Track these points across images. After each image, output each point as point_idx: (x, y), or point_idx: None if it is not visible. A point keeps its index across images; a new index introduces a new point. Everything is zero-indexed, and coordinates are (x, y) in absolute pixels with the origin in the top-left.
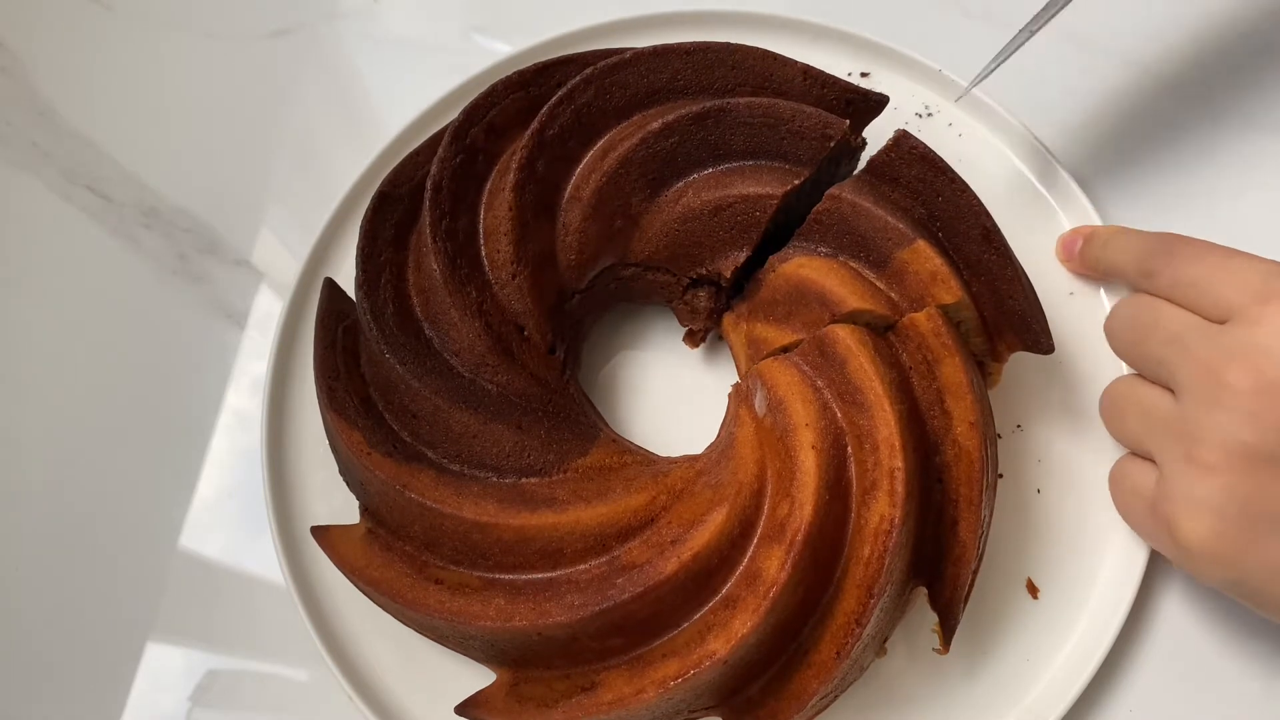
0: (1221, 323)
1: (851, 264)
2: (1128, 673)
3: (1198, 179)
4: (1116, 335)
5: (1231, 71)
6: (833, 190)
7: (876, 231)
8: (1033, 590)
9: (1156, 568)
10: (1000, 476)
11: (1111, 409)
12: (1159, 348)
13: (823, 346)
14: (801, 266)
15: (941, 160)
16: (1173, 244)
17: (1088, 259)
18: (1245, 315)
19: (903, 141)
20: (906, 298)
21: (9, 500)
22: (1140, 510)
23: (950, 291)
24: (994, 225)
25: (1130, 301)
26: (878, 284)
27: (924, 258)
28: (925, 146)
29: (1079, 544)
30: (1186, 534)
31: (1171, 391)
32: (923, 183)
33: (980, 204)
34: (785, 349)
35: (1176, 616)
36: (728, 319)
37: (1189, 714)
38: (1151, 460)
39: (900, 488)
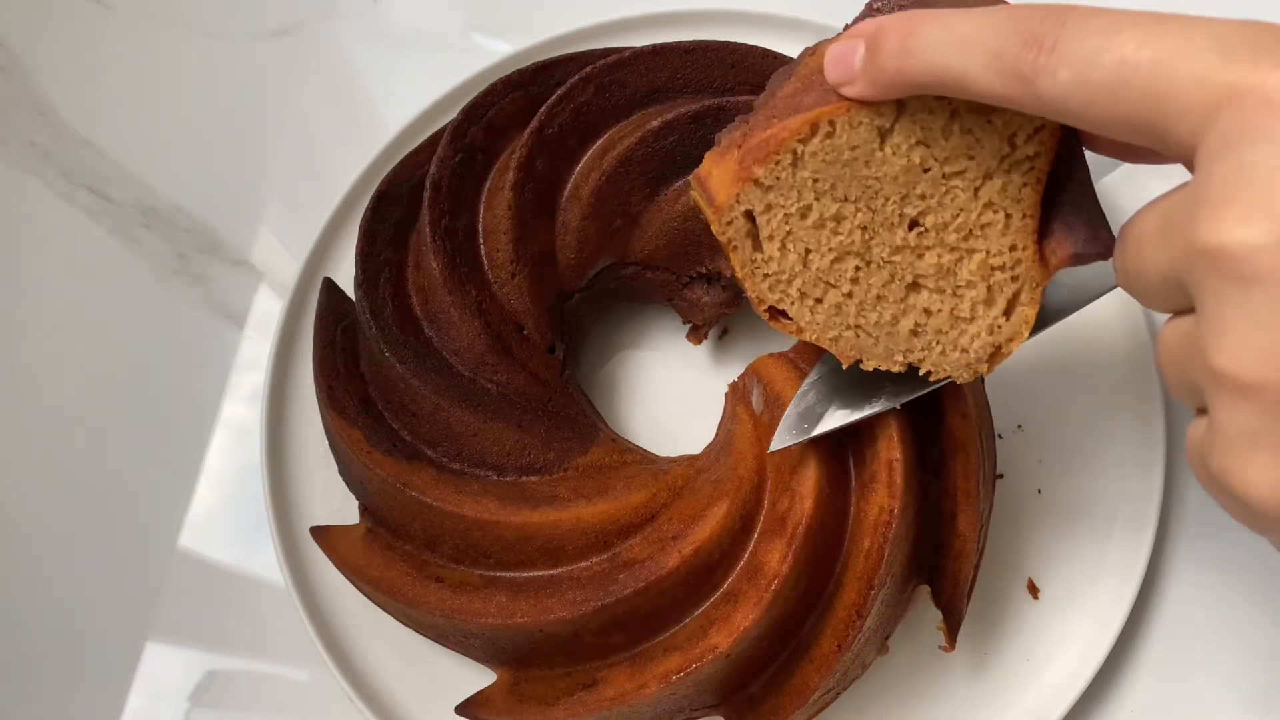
0: None
1: None
2: (1128, 673)
3: None
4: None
5: None
6: None
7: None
8: (1033, 590)
9: (1157, 567)
10: (1000, 476)
11: (1162, 359)
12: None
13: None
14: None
15: None
16: None
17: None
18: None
19: None
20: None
21: (9, 500)
22: (1201, 474)
23: None
24: None
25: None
26: None
27: None
28: None
29: (1079, 544)
30: (1244, 488)
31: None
32: None
33: None
34: (813, 129)
35: (1177, 616)
36: (707, 159)
37: (1189, 714)
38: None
39: (898, 479)
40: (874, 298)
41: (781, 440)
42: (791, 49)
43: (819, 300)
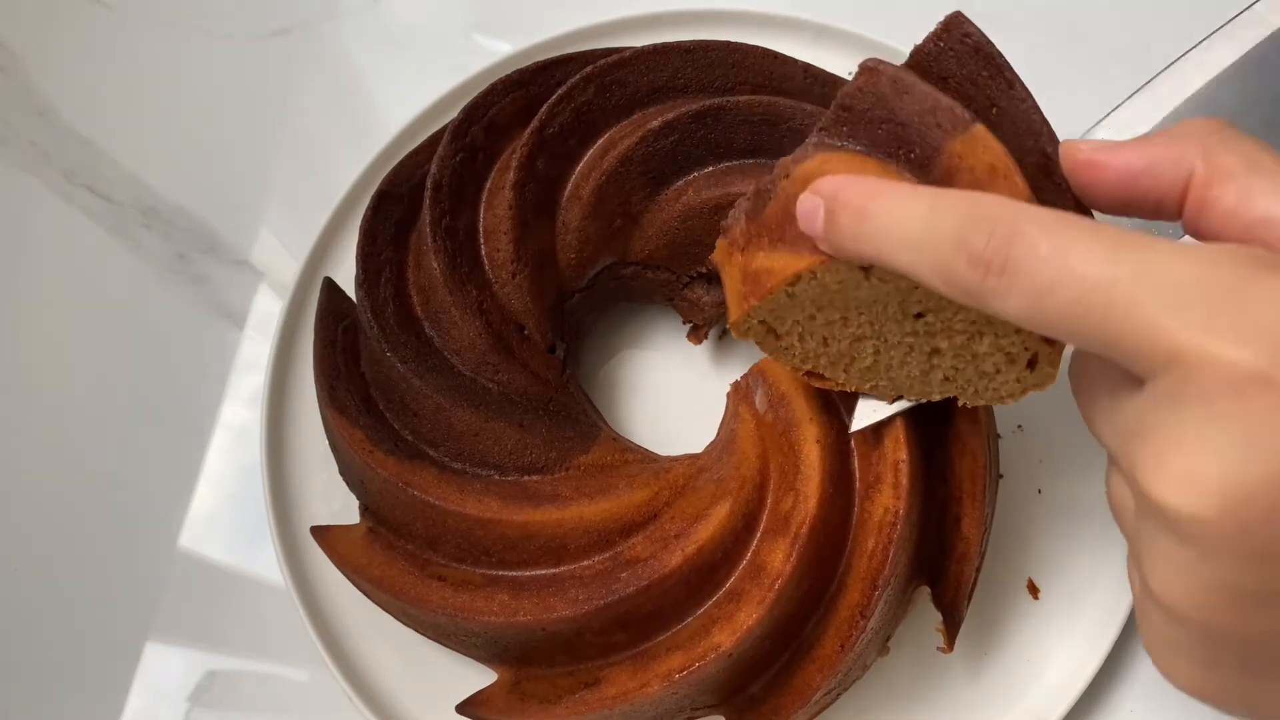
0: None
1: (888, 163)
2: (1128, 673)
3: None
4: None
5: None
6: (868, 61)
7: (924, 115)
8: (1033, 590)
9: None
10: (1001, 477)
11: (1110, 502)
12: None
13: None
14: (826, 163)
15: (1001, 58)
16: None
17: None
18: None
19: (955, 27)
20: None
21: (9, 500)
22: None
23: (1015, 189)
24: (1056, 152)
25: None
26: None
27: (983, 147)
28: (982, 36)
29: (1079, 544)
30: (1169, 674)
31: None
32: (974, 85)
33: (1045, 121)
34: (796, 279)
35: None
36: (721, 247)
37: (1189, 714)
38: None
39: (904, 480)
40: (899, 363)
41: (864, 418)
42: (791, 49)
43: (848, 366)
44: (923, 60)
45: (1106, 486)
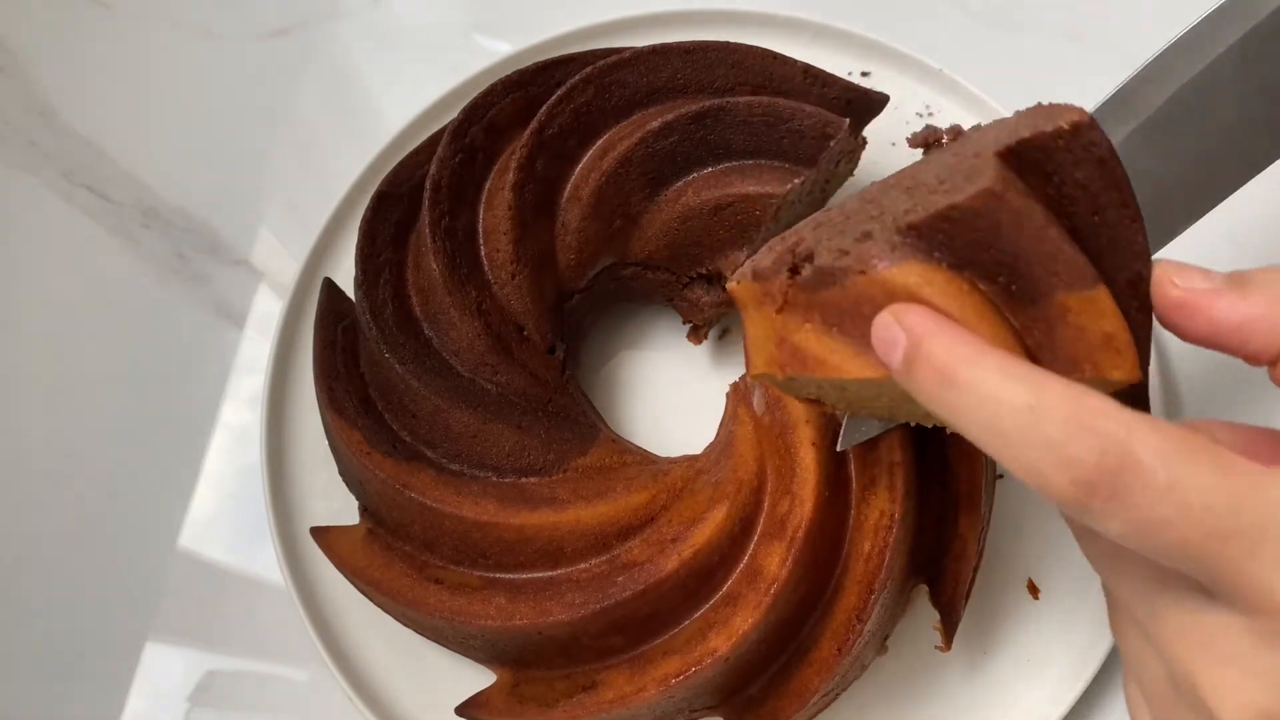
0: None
1: (983, 285)
2: None
3: None
4: None
5: None
6: (993, 186)
7: (1041, 258)
8: (1033, 590)
9: None
10: (1000, 476)
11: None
12: None
13: None
14: (922, 287)
15: (1122, 173)
16: None
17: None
18: None
19: (1084, 132)
20: (1053, 352)
21: (9, 500)
22: None
23: (1125, 367)
24: (1148, 274)
25: None
26: (1013, 320)
27: (1100, 313)
28: (1109, 147)
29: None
30: None
31: None
32: (1082, 190)
33: (1146, 244)
34: (834, 391)
35: None
36: (747, 289)
37: None
38: None
39: (900, 483)
40: (910, 407)
41: (851, 438)
42: (791, 49)
43: (858, 409)
44: (1034, 151)
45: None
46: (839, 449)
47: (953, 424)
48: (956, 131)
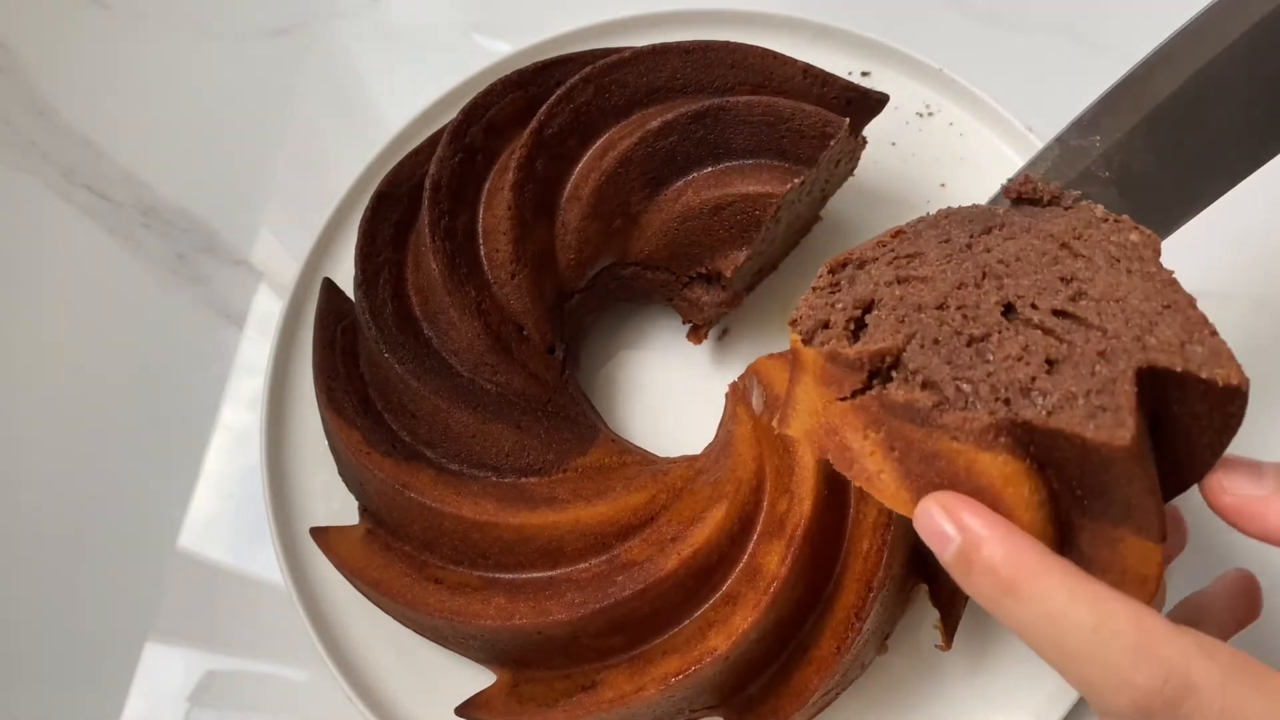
0: None
1: (1056, 485)
2: None
3: None
4: None
5: None
6: (1130, 447)
7: (1129, 506)
8: None
9: None
10: None
11: None
12: None
13: None
14: (1005, 487)
15: (1239, 422)
16: None
17: None
18: None
19: (1236, 399)
20: (1089, 558)
21: (9, 500)
22: None
23: (1145, 600)
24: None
25: None
26: (1066, 515)
27: (1150, 562)
28: (1243, 409)
29: None
30: None
31: None
32: (1195, 423)
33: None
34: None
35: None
36: (814, 359)
37: None
38: None
39: None
40: None
41: None
42: (791, 49)
43: None
44: (1174, 379)
45: None
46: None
47: (1011, 629)
48: (1056, 193)
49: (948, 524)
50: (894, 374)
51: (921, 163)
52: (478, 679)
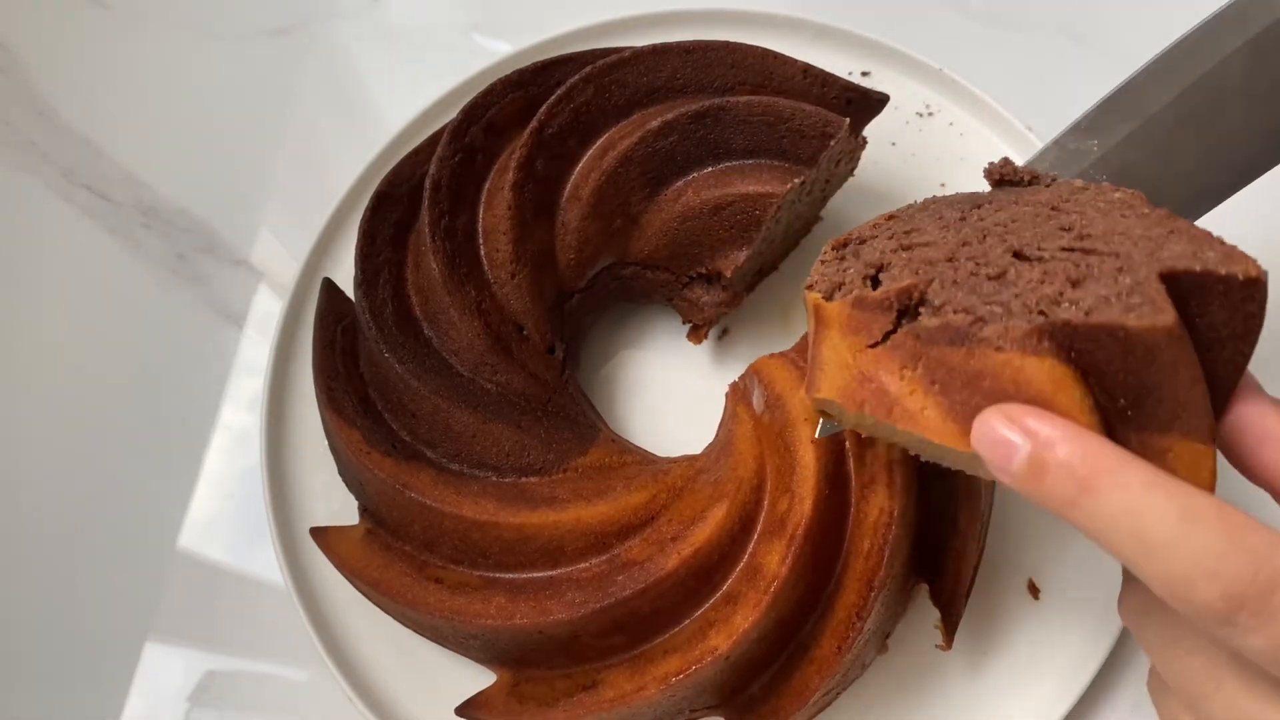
0: None
1: (1101, 398)
2: (1128, 672)
3: None
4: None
5: None
6: (1173, 329)
7: (1175, 404)
8: (1033, 590)
9: None
10: None
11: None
12: None
13: None
14: (1056, 392)
15: (1260, 326)
16: None
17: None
18: None
19: (1256, 289)
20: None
21: (9, 500)
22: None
23: None
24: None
25: None
26: (1114, 436)
27: (1201, 467)
28: (1264, 306)
29: (1079, 544)
30: None
31: None
32: (1215, 333)
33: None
34: (901, 437)
35: None
36: (836, 310)
37: None
38: None
39: (899, 480)
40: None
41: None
42: (791, 49)
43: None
44: (1193, 281)
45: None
46: (816, 436)
47: (1088, 531)
48: (1035, 175)
49: (1013, 433)
50: (921, 310)
51: (921, 163)
52: (478, 679)
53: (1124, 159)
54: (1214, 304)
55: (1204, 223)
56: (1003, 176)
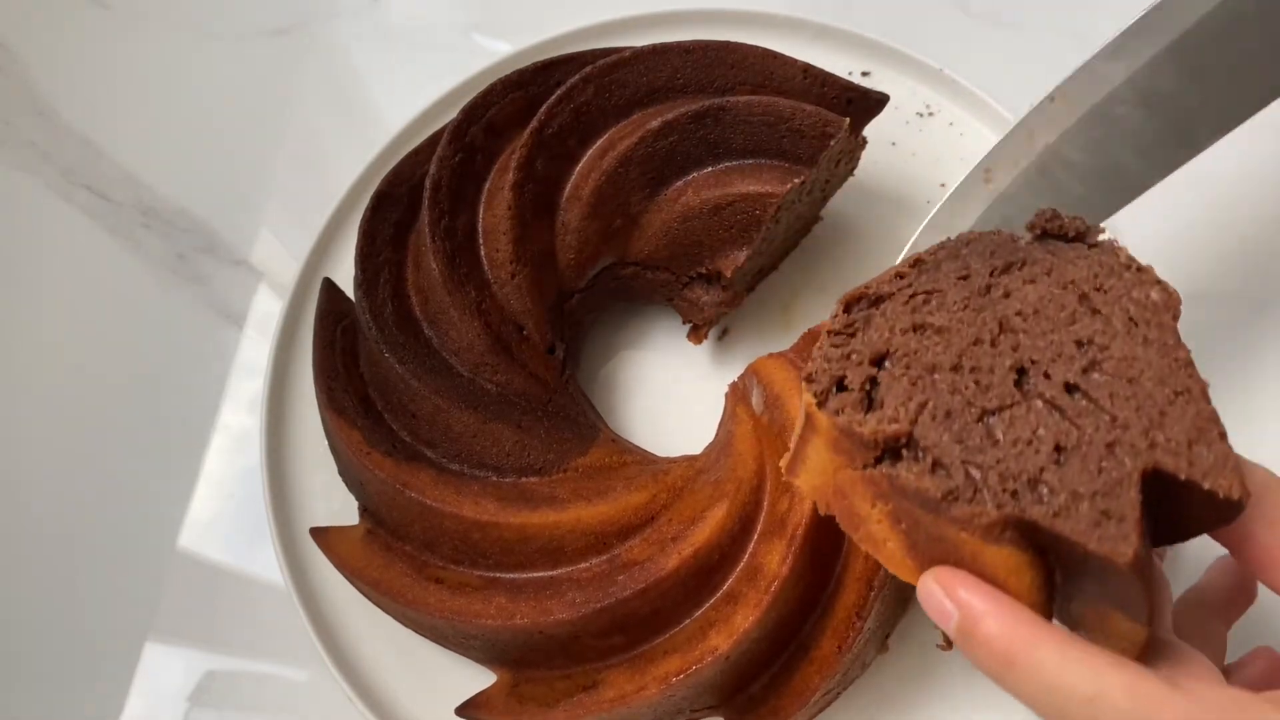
0: None
1: (1058, 570)
2: None
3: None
4: None
5: None
6: (1133, 564)
7: (1122, 597)
8: None
9: None
10: None
11: None
12: None
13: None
14: (1009, 577)
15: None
16: None
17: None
18: None
19: (1237, 510)
20: (1074, 619)
21: (9, 500)
22: None
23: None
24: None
25: None
26: (1064, 587)
27: (1133, 642)
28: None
29: None
30: None
31: None
32: (1189, 518)
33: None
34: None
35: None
36: (829, 426)
37: None
38: None
39: None
40: None
41: None
42: (792, 48)
43: None
44: (1177, 482)
45: None
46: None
47: (1019, 699)
48: (1081, 229)
49: (945, 601)
50: (905, 452)
51: (921, 163)
52: (478, 679)
53: (1153, 77)
54: (1195, 497)
55: (1209, 216)
56: (1046, 230)
